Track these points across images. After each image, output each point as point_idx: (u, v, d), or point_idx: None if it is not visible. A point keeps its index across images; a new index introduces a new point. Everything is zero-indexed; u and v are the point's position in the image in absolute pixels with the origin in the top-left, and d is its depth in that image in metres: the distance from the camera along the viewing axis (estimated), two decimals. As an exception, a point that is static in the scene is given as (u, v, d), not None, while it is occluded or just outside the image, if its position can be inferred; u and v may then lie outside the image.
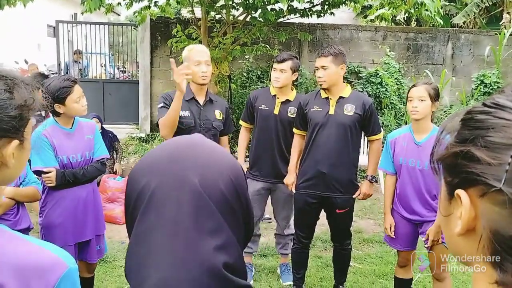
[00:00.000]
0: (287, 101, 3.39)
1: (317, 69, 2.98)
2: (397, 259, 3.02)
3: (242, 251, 0.83)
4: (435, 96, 2.66)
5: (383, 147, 3.00)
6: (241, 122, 3.68)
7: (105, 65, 10.68)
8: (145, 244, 0.76)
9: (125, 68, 11.46)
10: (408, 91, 2.74)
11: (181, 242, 0.75)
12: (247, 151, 3.84)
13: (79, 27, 8.84)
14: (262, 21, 6.12)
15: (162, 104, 2.92)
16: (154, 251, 0.75)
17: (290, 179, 3.21)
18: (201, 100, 2.99)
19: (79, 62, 9.31)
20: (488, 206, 0.51)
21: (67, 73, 8.84)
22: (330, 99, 2.99)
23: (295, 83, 5.97)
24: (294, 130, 3.24)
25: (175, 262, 0.74)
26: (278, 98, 3.41)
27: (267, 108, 3.43)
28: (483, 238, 0.52)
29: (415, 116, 2.67)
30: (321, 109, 2.99)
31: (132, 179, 0.83)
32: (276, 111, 3.40)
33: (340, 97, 2.99)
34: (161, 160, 0.82)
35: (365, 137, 3.23)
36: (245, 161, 3.86)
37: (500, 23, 10.76)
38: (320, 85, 2.99)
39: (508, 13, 10.59)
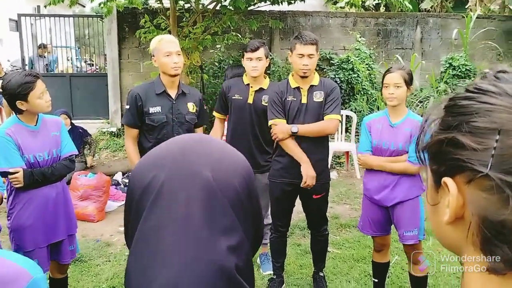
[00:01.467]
0: (261, 89, 3.35)
1: (301, 57, 2.86)
2: (373, 245, 3.05)
3: (251, 257, 0.78)
4: (410, 81, 2.68)
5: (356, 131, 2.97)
6: (214, 113, 3.62)
7: (71, 58, 10.37)
8: (152, 243, 0.71)
9: (92, 61, 11.17)
10: (383, 77, 2.74)
11: (192, 240, 0.69)
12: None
13: (43, 20, 8.53)
14: (232, 9, 6.03)
15: (128, 107, 2.90)
16: (162, 250, 0.69)
17: (312, 172, 2.88)
18: (173, 93, 2.91)
19: (44, 57, 8.99)
20: (476, 192, 0.51)
21: (31, 68, 8.54)
22: (301, 88, 2.96)
23: (267, 71, 5.93)
24: (275, 121, 2.95)
25: (186, 261, 0.68)
26: (251, 87, 3.37)
27: (241, 97, 3.39)
28: (472, 225, 0.52)
29: (392, 103, 2.68)
30: (295, 99, 2.96)
31: (137, 174, 0.78)
32: (250, 100, 3.36)
33: (311, 86, 2.97)
34: (170, 154, 0.77)
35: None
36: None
37: (466, 7, 10.97)
38: (304, 72, 2.89)
39: (473, -4, 10.79)
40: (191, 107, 2.97)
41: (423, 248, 2.82)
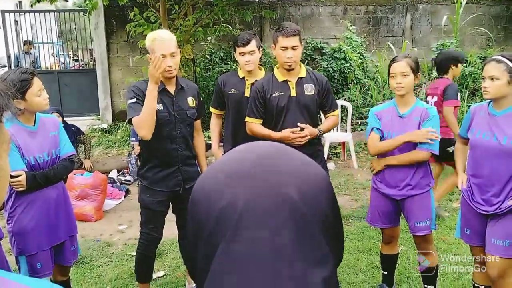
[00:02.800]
0: (257, 82, 3.29)
1: (285, 49, 2.81)
2: (382, 237, 3.02)
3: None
4: (417, 69, 2.64)
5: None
6: (211, 109, 3.56)
7: (57, 54, 10.14)
8: (238, 278, 0.61)
9: (77, 56, 10.96)
10: (389, 66, 2.69)
11: (286, 273, 0.60)
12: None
13: (26, 16, 8.30)
14: (225, 0, 5.92)
15: (134, 100, 2.66)
16: (251, 286, 0.60)
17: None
18: (172, 89, 2.80)
19: (30, 53, 8.76)
20: None
21: (17, 65, 8.33)
22: (289, 81, 2.90)
23: (259, 63, 5.86)
24: (251, 119, 2.96)
25: None
26: (247, 80, 3.31)
27: (237, 91, 3.33)
28: None
29: (400, 92, 2.63)
30: (282, 93, 2.89)
31: (204, 195, 0.65)
32: (247, 94, 3.29)
33: (299, 78, 2.91)
34: (245, 169, 0.64)
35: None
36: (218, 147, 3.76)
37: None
38: (289, 65, 2.84)
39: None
40: (191, 101, 2.89)
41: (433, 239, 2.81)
